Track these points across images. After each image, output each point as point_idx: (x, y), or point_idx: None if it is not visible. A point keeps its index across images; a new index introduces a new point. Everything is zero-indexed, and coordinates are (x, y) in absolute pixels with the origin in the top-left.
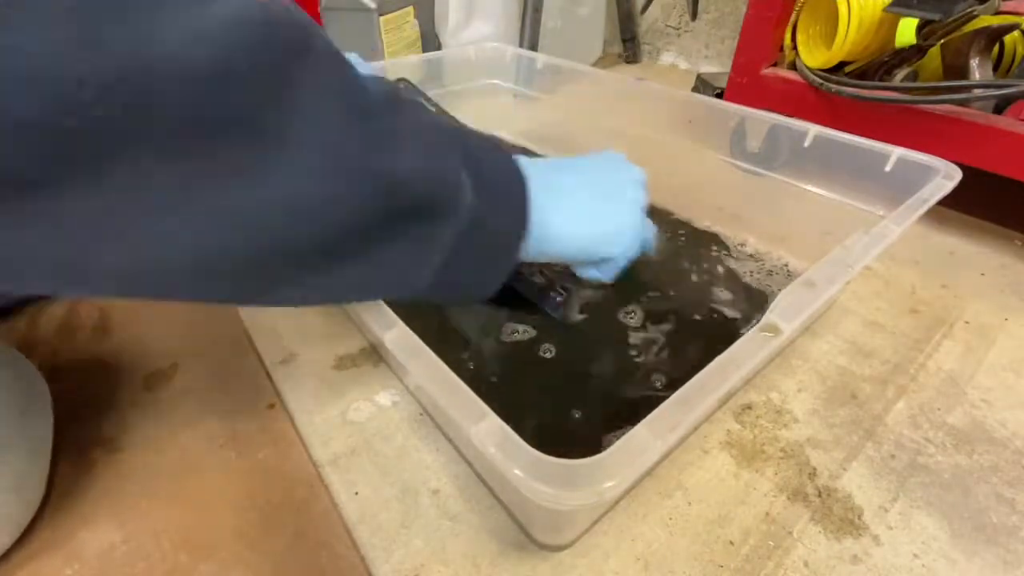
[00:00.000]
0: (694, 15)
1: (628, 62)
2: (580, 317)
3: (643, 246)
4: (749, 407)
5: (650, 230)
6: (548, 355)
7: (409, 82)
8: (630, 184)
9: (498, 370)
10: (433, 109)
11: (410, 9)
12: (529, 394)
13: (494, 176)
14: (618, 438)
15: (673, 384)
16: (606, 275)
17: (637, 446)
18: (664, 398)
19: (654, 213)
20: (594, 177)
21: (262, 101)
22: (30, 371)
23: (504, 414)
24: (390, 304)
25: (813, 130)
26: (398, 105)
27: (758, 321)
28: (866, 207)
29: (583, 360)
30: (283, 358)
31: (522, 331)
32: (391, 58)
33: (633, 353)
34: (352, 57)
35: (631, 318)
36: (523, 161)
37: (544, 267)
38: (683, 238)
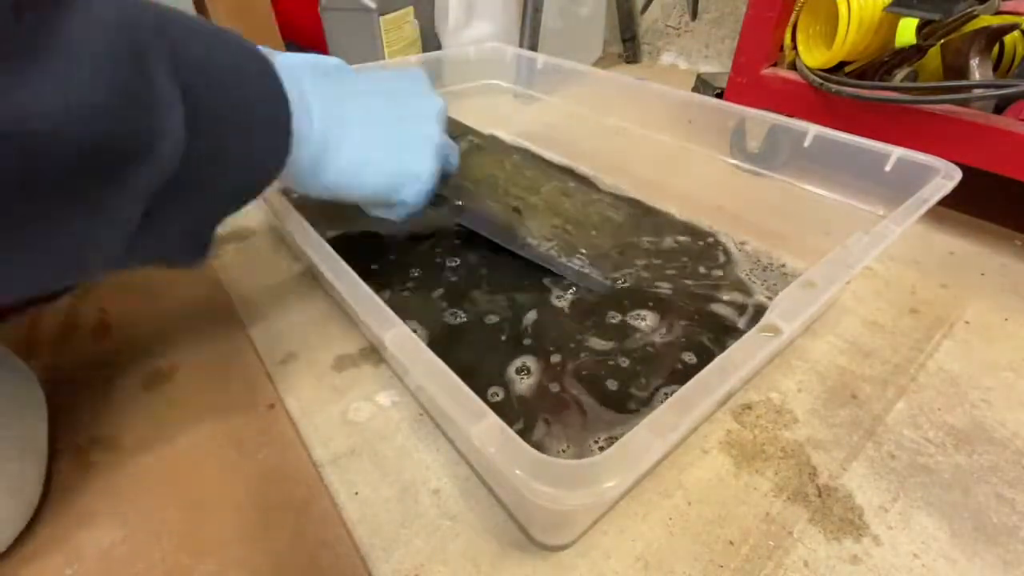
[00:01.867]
0: (694, 15)
1: (628, 62)
2: (607, 280)
3: (445, 166)
4: (749, 407)
5: (452, 152)
6: (535, 346)
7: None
8: (428, 120)
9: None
10: None
11: (410, 9)
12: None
13: (233, 102)
14: (616, 439)
15: (673, 384)
16: (396, 215)
17: (637, 446)
18: (663, 398)
19: (653, 214)
20: (388, 110)
21: None
22: (21, 370)
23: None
24: (390, 304)
25: (813, 130)
26: (39, 4)
27: (758, 321)
28: (866, 207)
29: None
30: (283, 358)
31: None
32: (391, 58)
33: (633, 353)
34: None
35: (633, 319)
36: (302, 76)
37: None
38: (683, 238)
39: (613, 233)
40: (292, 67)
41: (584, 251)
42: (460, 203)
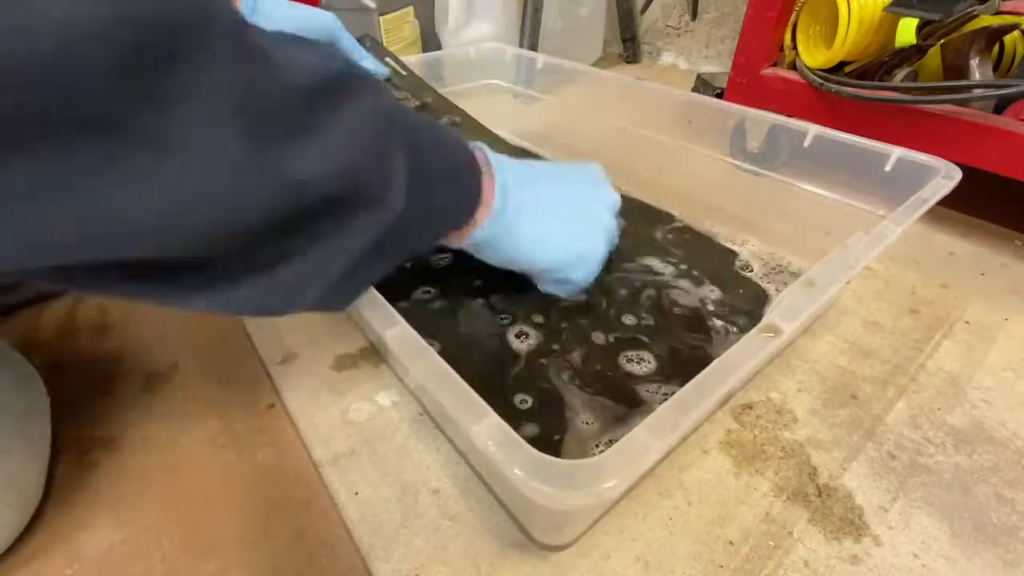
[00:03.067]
0: (694, 15)
1: (628, 62)
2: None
3: (609, 247)
4: (749, 407)
5: (617, 233)
6: (532, 346)
7: (374, 40)
8: (605, 209)
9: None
10: (403, 72)
11: (410, 9)
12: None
13: (439, 173)
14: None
15: (672, 384)
16: (564, 292)
17: (637, 446)
18: (662, 398)
19: (652, 213)
20: (571, 196)
21: (124, 96)
22: (27, 370)
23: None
24: (390, 304)
25: (813, 130)
26: (324, 97)
27: (758, 321)
28: (866, 207)
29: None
30: (283, 358)
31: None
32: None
33: (633, 352)
34: (347, 39)
35: (630, 319)
36: (502, 165)
37: None
38: (683, 238)
39: (667, 262)
40: (495, 155)
41: None
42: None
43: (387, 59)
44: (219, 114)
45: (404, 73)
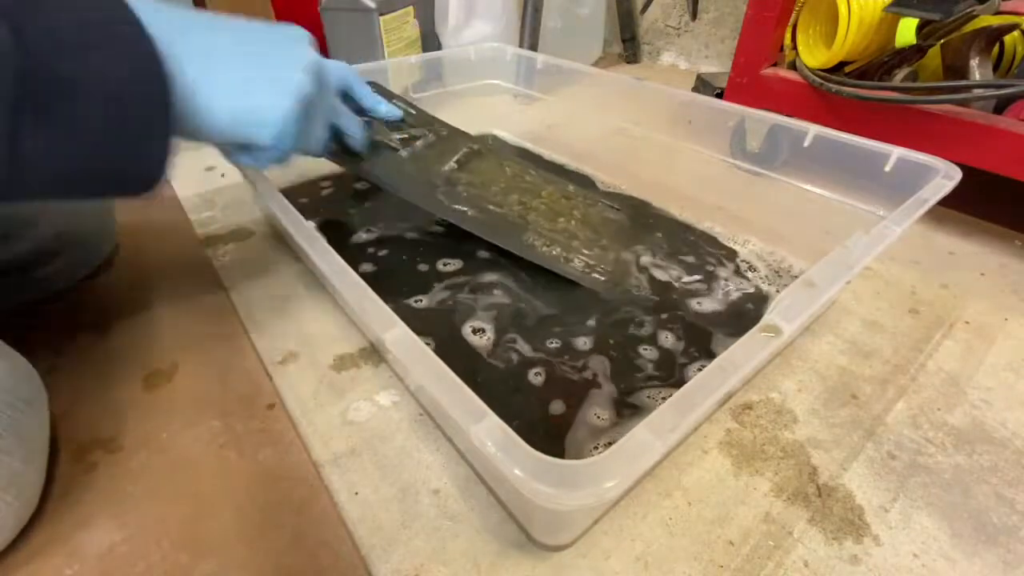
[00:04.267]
0: (694, 15)
1: (628, 62)
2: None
3: (297, 102)
4: (749, 407)
5: (352, 122)
6: (539, 366)
7: (378, 84)
8: (293, 41)
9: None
10: (412, 111)
11: (410, 9)
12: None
13: (89, 29)
14: (617, 436)
15: (672, 383)
16: (262, 163)
17: (637, 446)
18: (662, 398)
19: (652, 213)
20: (253, 35)
21: None
22: (26, 369)
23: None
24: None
25: (813, 130)
26: None
27: (758, 322)
28: (866, 207)
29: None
30: (283, 358)
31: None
32: (391, 58)
33: (632, 352)
34: (360, 85)
35: (634, 319)
36: (157, 12)
37: None
38: (683, 238)
39: (614, 234)
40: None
41: (587, 252)
42: (401, 153)
43: (394, 100)
44: None
45: (414, 112)
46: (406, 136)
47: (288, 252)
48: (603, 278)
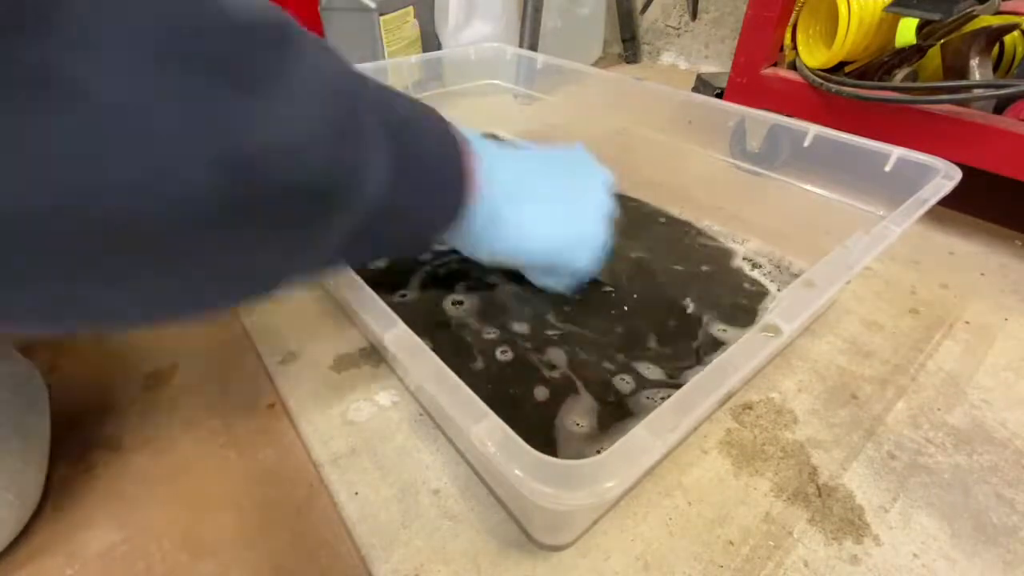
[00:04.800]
0: (694, 15)
1: (628, 62)
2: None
3: (605, 255)
4: (749, 407)
5: (614, 212)
6: (542, 354)
7: None
8: (599, 188)
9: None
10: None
11: (410, 9)
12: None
13: (425, 162)
14: (606, 444)
15: (671, 383)
16: (564, 287)
17: (637, 446)
18: (662, 398)
19: (651, 213)
20: (563, 177)
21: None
22: (27, 368)
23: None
24: (390, 304)
25: (813, 130)
26: (276, 45)
27: (758, 321)
28: (866, 207)
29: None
30: (283, 358)
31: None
32: (391, 58)
33: (633, 351)
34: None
35: (639, 322)
36: (487, 150)
37: None
38: (683, 238)
39: (670, 263)
40: (477, 139)
41: None
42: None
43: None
44: (138, 47)
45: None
46: None
47: None
48: (601, 279)
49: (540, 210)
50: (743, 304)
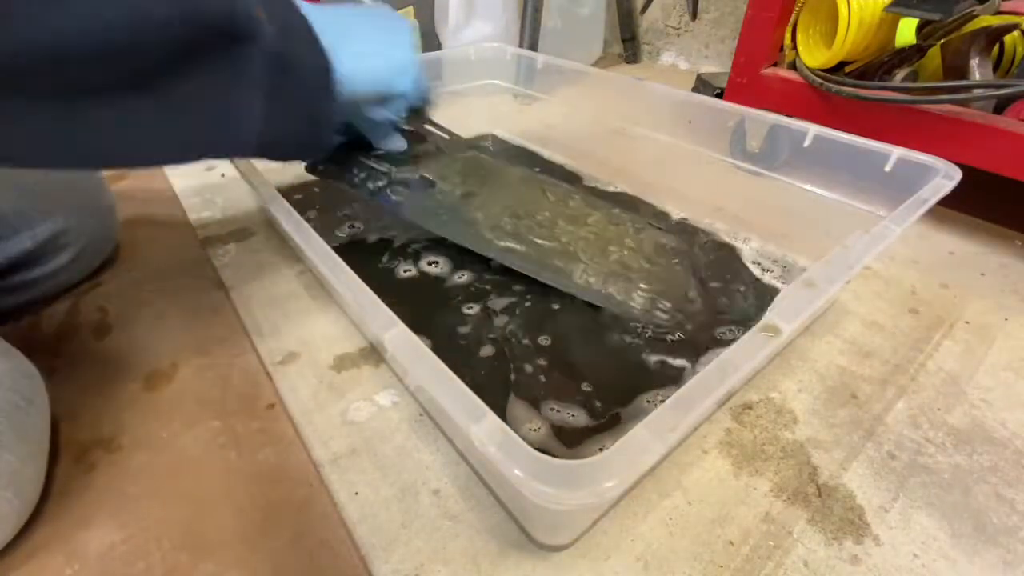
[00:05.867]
0: (694, 15)
1: (628, 62)
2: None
3: (422, 91)
4: (749, 407)
5: (424, 79)
6: (545, 343)
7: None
8: (404, 26)
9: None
10: (446, 136)
11: (410, 9)
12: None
13: (284, 11)
14: (607, 444)
15: (672, 383)
16: (396, 112)
17: (637, 446)
18: (660, 399)
19: (652, 214)
20: (370, 17)
21: None
22: (27, 367)
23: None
24: (390, 304)
25: (813, 130)
26: None
27: (758, 321)
28: (866, 207)
29: (582, 354)
30: (283, 358)
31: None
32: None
33: (632, 352)
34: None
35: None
36: (305, 8)
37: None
38: (683, 238)
39: (669, 263)
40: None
41: (644, 287)
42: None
43: (427, 126)
44: None
45: (447, 136)
46: (432, 168)
47: (288, 252)
48: (666, 315)
49: (361, 49)
50: (742, 305)
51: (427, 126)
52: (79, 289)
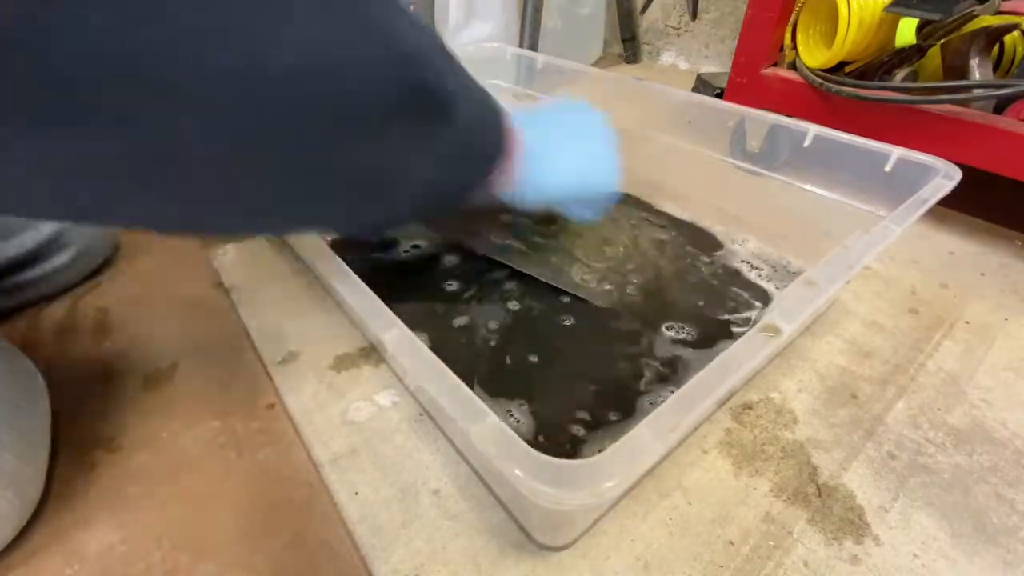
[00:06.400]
0: (694, 15)
1: (628, 62)
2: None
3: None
4: (749, 407)
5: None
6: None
7: None
8: (602, 126)
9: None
10: None
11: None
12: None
13: (478, 101)
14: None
15: (672, 383)
16: (596, 212)
17: (637, 446)
18: (663, 397)
19: (652, 214)
20: (572, 123)
21: None
22: (26, 366)
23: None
24: (389, 304)
25: (813, 130)
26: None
27: (758, 321)
28: (866, 207)
29: (580, 356)
30: (283, 358)
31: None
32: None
33: (633, 350)
34: None
35: (632, 321)
36: (513, 111)
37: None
38: (683, 238)
39: (665, 262)
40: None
41: (642, 284)
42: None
43: None
44: None
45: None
46: None
47: (288, 252)
48: (664, 313)
49: (569, 153)
50: (742, 305)
51: None
52: (79, 289)
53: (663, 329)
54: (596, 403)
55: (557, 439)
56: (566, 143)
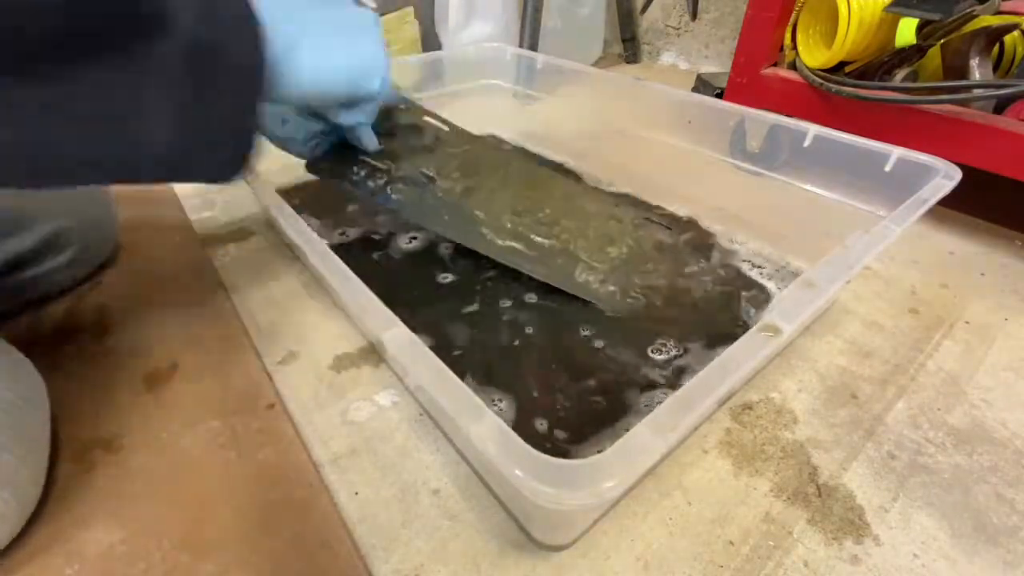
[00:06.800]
0: (694, 15)
1: (628, 62)
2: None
3: (388, 87)
4: (749, 407)
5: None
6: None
7: (409, 100)
8: (370, 19)
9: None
10: (446, 127)
11: (410, 9)
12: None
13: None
14: (608, 439)
15: (672, 383)
16: (367, 115)
17: (637, 446)
18: (663, 396)
19: (652, 214)
20: (335, 11)
21: None
22: (26, 367)
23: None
24: (389, 304)
25: (813, 130)
26: None
27: (758, 321)
28: (866, 207)
29: (580, 355)
30: (283, 358)
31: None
32: (391, 58)
33: (633, 350)
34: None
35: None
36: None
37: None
38: (683, 238)
39: (667, 261)
40: None
41: (639, 284)
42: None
43: (426, 117)
44: None
45: (447, 128)
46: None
47: (288, 252)
48: (664, 314)
49: (331, 43)
50: (742, 305)
51: (426, 117)
52: (79, 289)
53: (663, 329)
54: (596, 402)
55: (552, 437)
56: (328, 28)
